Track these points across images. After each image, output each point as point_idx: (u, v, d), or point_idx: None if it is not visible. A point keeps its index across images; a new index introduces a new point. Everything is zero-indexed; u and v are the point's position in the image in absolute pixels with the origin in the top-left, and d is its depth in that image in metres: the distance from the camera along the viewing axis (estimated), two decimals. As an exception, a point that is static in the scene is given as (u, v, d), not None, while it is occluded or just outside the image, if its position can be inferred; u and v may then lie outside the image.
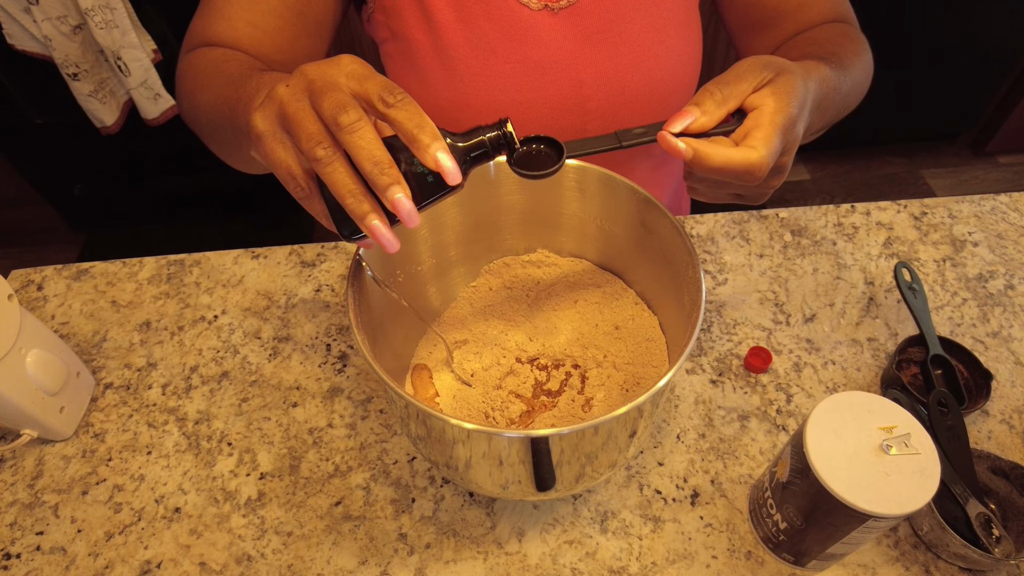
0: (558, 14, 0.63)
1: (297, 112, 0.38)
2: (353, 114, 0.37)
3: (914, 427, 0.47)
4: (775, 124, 0.45)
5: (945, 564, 0.55)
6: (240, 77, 0.51)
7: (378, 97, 0.37)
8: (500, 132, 0.38)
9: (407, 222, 0.39)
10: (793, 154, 0.49)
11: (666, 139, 0.45)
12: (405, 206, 0.38)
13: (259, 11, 0.59)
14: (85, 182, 1.76)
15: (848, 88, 0.58)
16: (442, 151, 0.37)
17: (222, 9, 0.60)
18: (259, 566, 0.56)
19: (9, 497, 0.61)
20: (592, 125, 0.68)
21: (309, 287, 0.76)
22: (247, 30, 0.60)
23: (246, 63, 0.55)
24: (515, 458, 0.46)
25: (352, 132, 0.37)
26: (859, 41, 0.64)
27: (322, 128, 0.38)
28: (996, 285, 0.74)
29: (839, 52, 0.59)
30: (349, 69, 0.38)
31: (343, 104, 0.37)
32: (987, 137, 1.97)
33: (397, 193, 0.37)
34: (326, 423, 0.65)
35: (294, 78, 0.39)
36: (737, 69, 0.47)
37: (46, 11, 1.25)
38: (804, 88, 0.48)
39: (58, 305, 0.75)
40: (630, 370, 0.60)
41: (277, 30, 0.61)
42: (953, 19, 1.65)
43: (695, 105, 0.46)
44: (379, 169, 0.37)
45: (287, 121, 0.39)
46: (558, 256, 0.67)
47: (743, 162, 0.44)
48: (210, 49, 0.59)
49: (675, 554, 0.56)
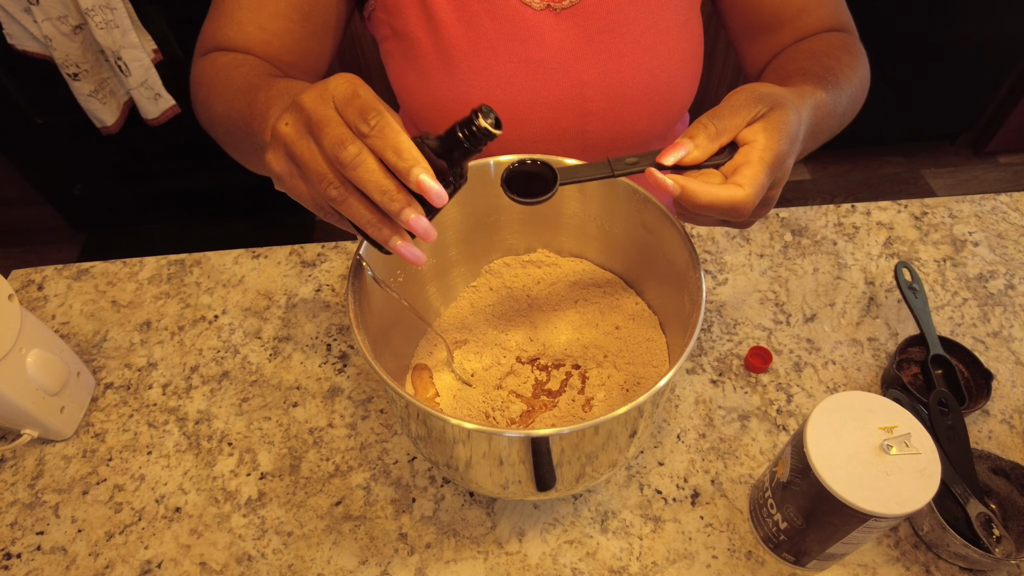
0: (560, 14, 0.63)
1: (303, 153, 0.40)
2: (352, 149, 0.38)
3: (914, 427, 0.47)
4: (764, 162, 0.45)
5: (945, 564, 0.55)
6: (250, 88, 0.52)
7: (355, 128, 0.38)
8: (473, 127, 0.38)
9: (424, 239, 0.40)
10: (781, 187, 0.49)
11: (653, 175, 0.46)
12: (421, 225, 0.39)
13: (267, 14, 0.61)
14: (85, 182, 1.76)
15: (843, 108, 0.59)
16: (423, 173, 0.38)
17: (232, 14, 0.61)
18: (259, 566, 0.56)
19: (9, 497, 0.61)
20: (593, 125, 0.68)
21: (309, 287, 0.76)
22: (256, 33, 0.61)
23: (255, 70, 0.57)
24: (515, 458, 0.46)
25: (355, 168, 0.38)
26: (857, 54, 0.64)
27: (328, 167, 0.39)
28: (996, 285, 0.74)
29: (836, 68, 0.60)
30: (336, 94, 0.39)
31: (340, 141, 0.38)
32: (987, 137, 1.97)
33: (410, 216, 0.39)
34: (326, 423, 0.65)
35: (292, 114, 0.40)
36: (731, 101, 0.47)
37: (46, 11, 1.25)
38: (797, 121, 0.48)
39: (58, 305, 0.75)
40: (630, 370, 0.60)
41: (286, 32, 0.62)
42: (953, 19, 1.65)
43: (688, 138, 0.46)
44: (388, 197, 0.38)
45: (296, 161, 0.40)
46: (558, 256, 0.67)
47: (729, 200, 0.45)
48: (221, 54, 0.60)
49: (675, 554, 0.56)
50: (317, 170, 0.39)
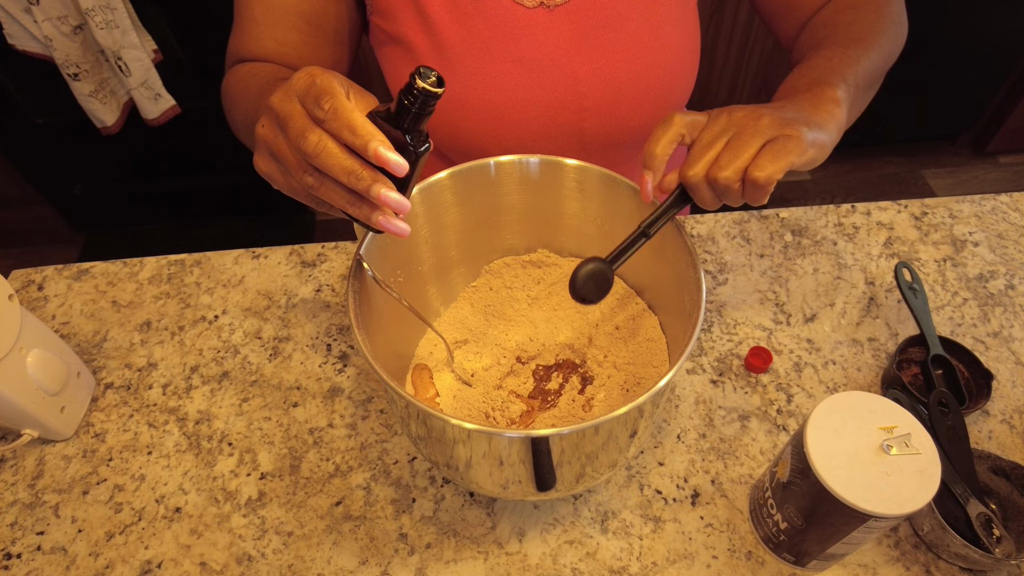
0: (554, 11, 0.63)
1: (279, 150, 0.41)
2: (312, 137, 0.39)
3: (915, 427, 0.47)
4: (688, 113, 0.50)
5: (946, 564, 0.55)
6: (260, 94, 0.55)
7: (313, 115, 0.39)
8: (415, 92, 0.39)
9: (399, 211, 0.41)
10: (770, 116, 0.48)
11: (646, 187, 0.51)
12: (392, 199, 0.40)
13: (282, 28, 0.64)
14: (85, 182, 1.76)
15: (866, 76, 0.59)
16: (381, 146, 0.38)
17: (250, 30, 0.64)
18: (259, 566, 0.56)
19: (10, 497, 0.61)
20: (589, 122, 0.68)
21: (309, 287, 0.76)
22: (274, 47, 0.64)
23: (268, 76, 0.59)
24: (515, 458, 0.46)
25: (317, 156, 0.39)
26: (879, 8, 0.64)
27: (300, 157, 0.41)
28: (997, 285, 0.74)
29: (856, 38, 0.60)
30: (297, 88, 0.40)
31: (301, 132, 0.39)
32: (987, 137, 1.97)
33: (380, 191, 0.40)
34: (326, 423, 0.65)
35: (266, 116, 0.42)
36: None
37: (47, 11, 1.25)
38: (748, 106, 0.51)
39: (59, 305, 0.75)
40: (630, 370, 0.60)
41: (300, 43, 0.65)
42: (953, 19, 1.65)
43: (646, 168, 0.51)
44: (354, 177, 0.39)
45: (277, 159, 0.42)
46: (558, 256, 0.67)
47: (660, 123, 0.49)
48: (243, 65, 0.64)
49: (675, 554, 0.56)
50: (290, 161, 0.41)
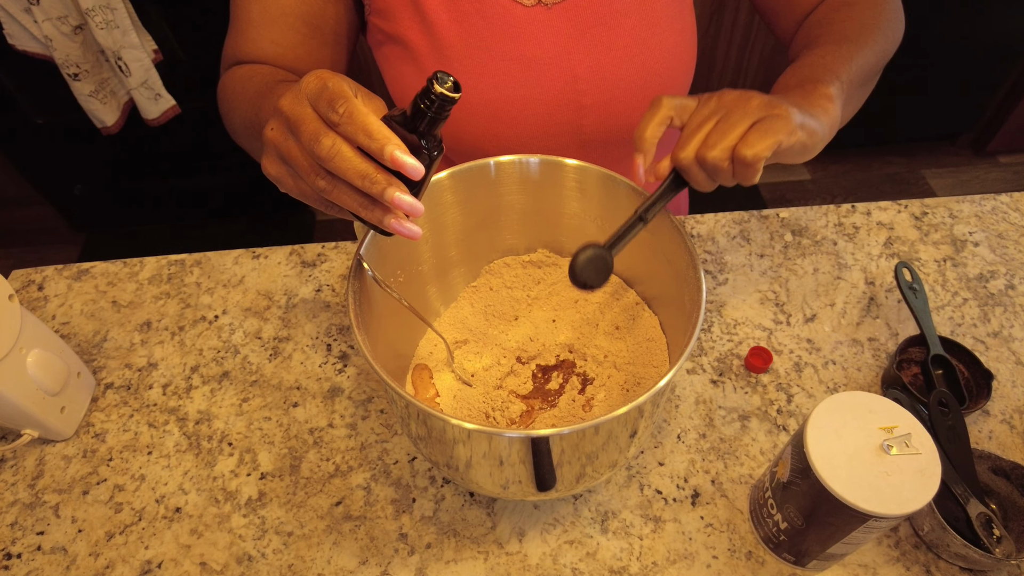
0: (551, 9, 0.63)
1: (290, 153, 0.41)
2: (326, 141, 0.39)
3: (915, 427, 0.47)
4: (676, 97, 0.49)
5: (946, 564, 0.55)
6: (258, 97, 0.55)
7: (327, 119, 0.39)
8: (432, 96, 0.38)
9: (412, 214, 0.41)
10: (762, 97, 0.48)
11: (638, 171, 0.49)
12: (405, 202, 0.40)
13: (278, 30, 0.63)
14: (85, 182, 1.76)
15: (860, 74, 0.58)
16: (396, 149, 0.38)
17: (245, 31, 0.63)
18: (259, 566, 0.56)
19: (10, 497, 0.61)
20: (588, 120, 0.68)
21: (309, 287, 0.76)
22: (271, 48, 0.63)
23: (266, 78, 0.58)
24: (515, 458, 0.46)
25: (331, 160, 0.39)
26: (875, 6, 0.63)
27: (312, 161, 0.40)
28: (997, 285, 0.74)
29: (850, 36, 0.60)
30: (308, 91, 0.40)
31: (314, 135, 0.39)
32: (988, 137, 1.97)
33: (393, 195, 0.40)
34: (327, 423, 0.65)
35: (275, 119, 0.42)
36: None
37: (47, 11, 1.25)
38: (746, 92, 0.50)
39: (59, 305, 0.75)
40: (630, 370, 0.60)
41: (297, 44, 0.64)
42: (953, 19, 1.65)
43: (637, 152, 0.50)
44: (368, 181, 0.39)
45: (287, 162, 0.42)
46: (558, 256, 0.67)
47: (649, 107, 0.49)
48: (239, 67, 0.63)
49: (676, 554, 0.56)
50: (303, 167, 0.41)
